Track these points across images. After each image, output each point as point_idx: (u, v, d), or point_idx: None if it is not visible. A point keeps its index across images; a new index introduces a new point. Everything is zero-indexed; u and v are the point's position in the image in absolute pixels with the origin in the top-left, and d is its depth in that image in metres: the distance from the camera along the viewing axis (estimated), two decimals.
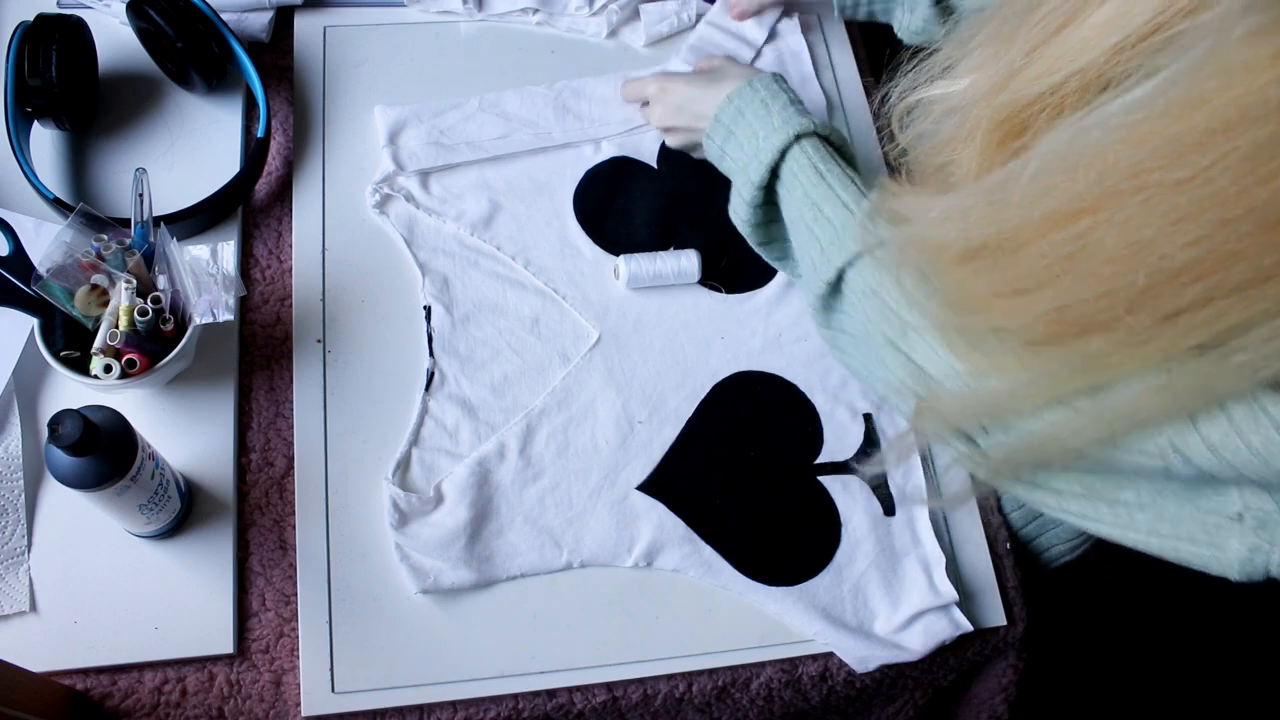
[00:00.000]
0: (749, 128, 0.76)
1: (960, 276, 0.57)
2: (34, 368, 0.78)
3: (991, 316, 0.55)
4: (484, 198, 0.90)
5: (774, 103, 0.76)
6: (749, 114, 0.77)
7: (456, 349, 0.84)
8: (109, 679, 0.71)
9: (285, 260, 0.86)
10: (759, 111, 0.76)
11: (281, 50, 0.96)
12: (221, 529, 0.76)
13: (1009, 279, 0.53)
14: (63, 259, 0.72)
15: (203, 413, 0.79)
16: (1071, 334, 0.51)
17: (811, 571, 0.79)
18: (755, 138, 0.75)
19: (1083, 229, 0.48)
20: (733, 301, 0.89)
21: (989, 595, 0.81)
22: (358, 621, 0.74)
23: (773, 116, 0.75)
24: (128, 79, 0.92)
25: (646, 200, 0.92)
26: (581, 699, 0.75)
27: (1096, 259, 0.48)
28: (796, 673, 0.77)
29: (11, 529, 0.73)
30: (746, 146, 0.76)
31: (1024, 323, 0.53)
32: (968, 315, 0.57)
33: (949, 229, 0.57)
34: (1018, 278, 0.53)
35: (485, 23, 1.00)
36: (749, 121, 0.76)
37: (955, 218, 0.57)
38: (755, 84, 0.77)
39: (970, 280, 0.56)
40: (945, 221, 0.57)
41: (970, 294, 0.56)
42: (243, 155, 0.90)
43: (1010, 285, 0.53)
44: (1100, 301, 0.49)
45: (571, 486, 0.80)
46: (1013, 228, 0.52)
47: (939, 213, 0.58)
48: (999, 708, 0.83)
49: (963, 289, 0.57)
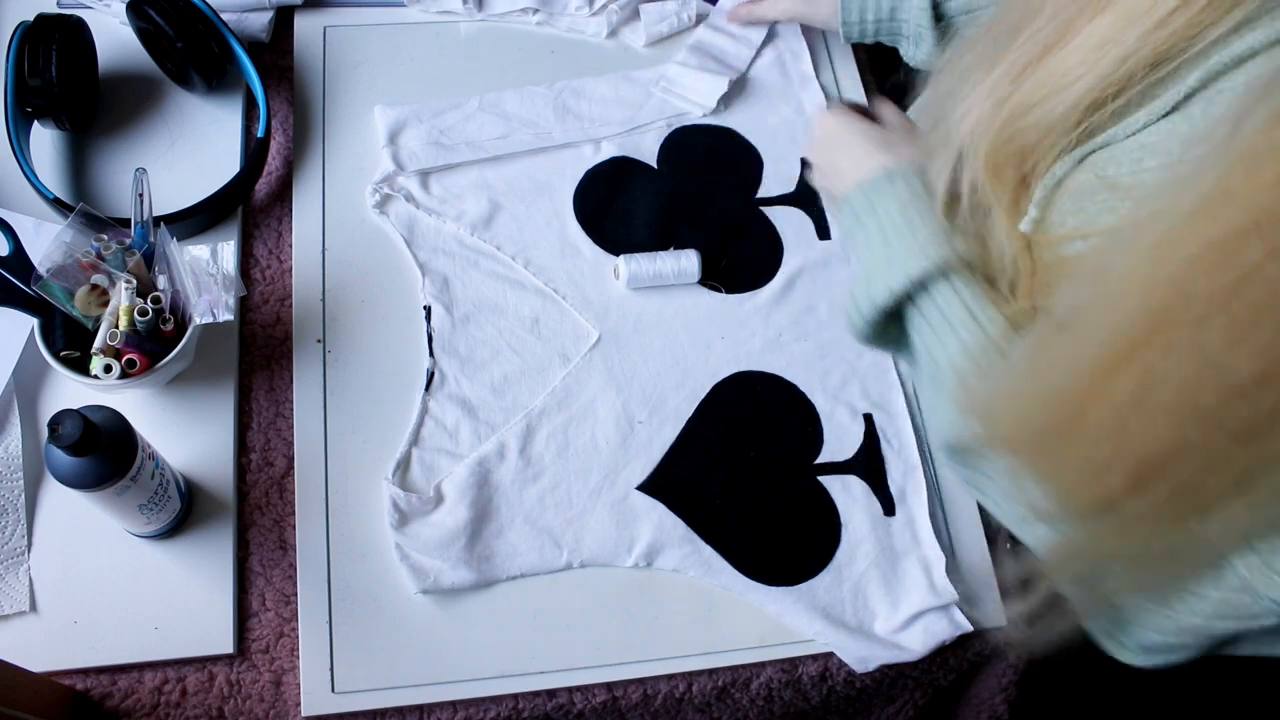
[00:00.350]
0: (880, 229, 0.67)
1: (1037, 471, 0.53)
2: (34, 368, 0.78)
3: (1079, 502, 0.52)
4: (484, 198, 0.90)
5: (913, 208, 0.66)
6: (881, 211, 0.67)
7: (456, 349, 0.84)
8: (109, 679, 0.71)
9: (285, 260, 0.86)
10: (893, 215, 0.66)
11: (281, 50, 0.96)
12: (221, 529, 0.76)
13: (1084, 459, 0.50)
14: (63, 259, 0.72)
15: (203, 413, 0.79)
16: (1155, 481, 0.47)
17: (811, 571, 0.79)
18: (888, 246, 0.66)
19: (1139, 371, 0.44)
20: (733, 301, 0.89)
21: (989, 595, 0.81)
22: (358, 621, 0.74)
23: (915, 231, 0.65)
24: (128, 79, 0.92)
25: (646, 200, 0.92)
26: (581, 699, 0.75)
27: (1163, 399, 0.44)
28: (796, 673, 0.77)
29: (11, 529, 0.73)
30: (876, 249, 0.67)
31: (1108, 494, 0.49)
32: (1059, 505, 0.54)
33: (1008, 422, 0.54)
34: (1091, 456, 0.49)
35: (485, 23, 1.00)
36: (881, 221, 0.67)
37: (1008, 406, 0.53)
38: (896, 180, 0.67)
39: (1048, 476, 0.53)
40: (1006, 416, 0.54)
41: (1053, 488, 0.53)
42: (243, 155, 0.90)
43: (1087, 466, 0.49)
44: (1178, 444, 0.45)
45: (571, 486, 0.80)
46: (1067, 397, 0.48)
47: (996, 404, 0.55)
48: (999, 708, 0.83)
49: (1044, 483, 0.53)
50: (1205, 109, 0.50)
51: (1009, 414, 0.54)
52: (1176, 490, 0.46)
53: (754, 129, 0.97)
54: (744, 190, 0.94)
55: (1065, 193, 0.57)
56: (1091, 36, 0.53)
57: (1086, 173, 0.56)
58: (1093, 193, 0.54)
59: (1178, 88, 0.51)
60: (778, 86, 1.00)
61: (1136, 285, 0.44)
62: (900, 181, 0.67)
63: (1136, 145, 0.53)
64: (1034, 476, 0.54)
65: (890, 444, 0.84)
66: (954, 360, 0.62)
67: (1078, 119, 0.55)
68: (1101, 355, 0.46)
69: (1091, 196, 0.54)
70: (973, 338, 0.61)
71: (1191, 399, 0.43)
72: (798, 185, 0.95)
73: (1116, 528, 0.51)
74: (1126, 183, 0.52)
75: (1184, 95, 0.51)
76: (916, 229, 0.65)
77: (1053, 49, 0.55)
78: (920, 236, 0.64)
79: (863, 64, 1.03)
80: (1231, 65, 0.49)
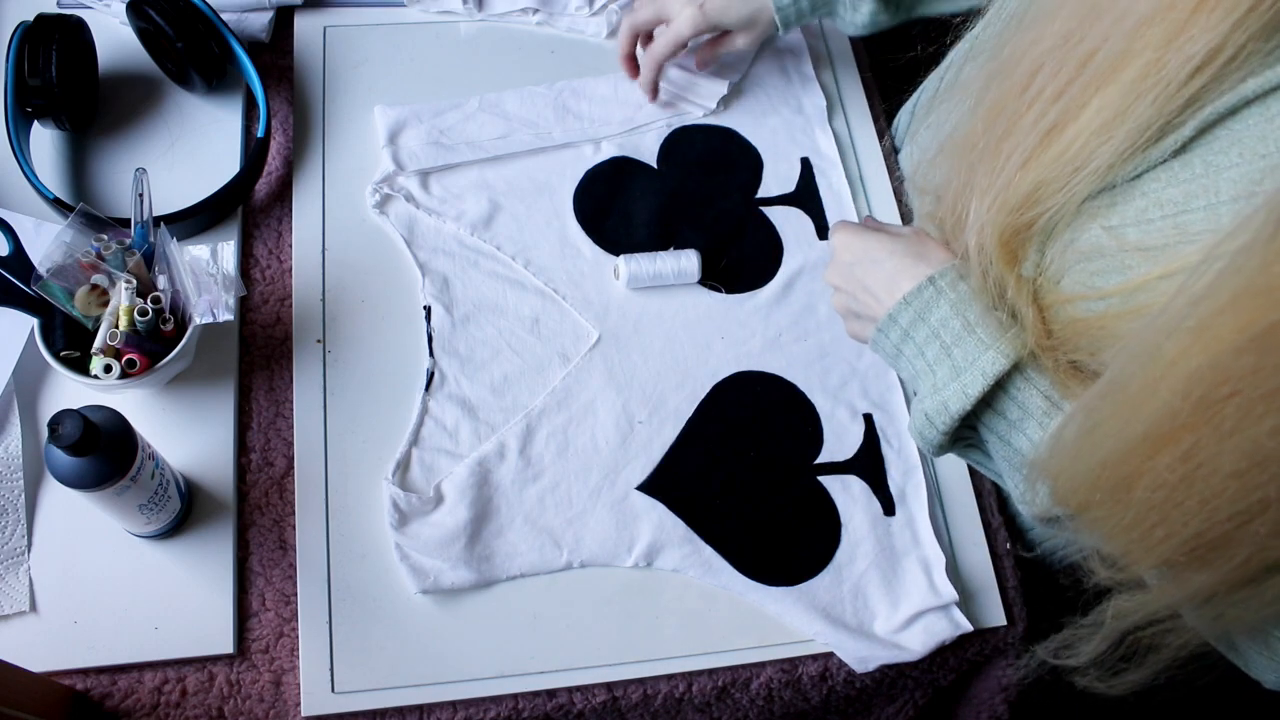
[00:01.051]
0: (936, 338, 0.64)
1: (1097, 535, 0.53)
2: (34, 368, 0.78)
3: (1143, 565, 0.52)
4: (484, 198, 0.90)
5: (967, 310, 0.63)
6: (934, 320, 0.64)
7: (456, 349, 0.84)
8: (109, 679, 0.71)
9: (285, 260, 0.86)
10: (948, 321, 0.63)
11: (281, 50, 0.96)
12: (221, 529, 0.76)
13: (1135, 529, 0.49)
14: (63, 259, 0.72)
15: (203, 413, 0.79)
16: (1216, 555, 0.47)
17: (811, 571, 0.79)
18: (949, 354, 0.63)
19: (1187, 447, 0.44)
20: (733, 301, 0.89)
21: (989, 595, 0.81)
22: (358, 621, 0.74)
23: (974, 332, 0.62)
24: (128, 79, 0.92)
25: (646, 200, 0.92)
26: (581, 699, 0.75)
27: (1212, 483, 0.44)
28: (796, 673, 0.77)
29: (11, 529, 0.73)
30: (936, 359, 0.64)
31: (1168, 561, 0.49)
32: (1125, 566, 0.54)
33: (1066, 486, 0.54)
34: (1141, 526, 0.49)
35: (485, 23, 1.00)
36: (936, 330, 0.64)
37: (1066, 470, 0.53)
38: (941, 286, 0.64)
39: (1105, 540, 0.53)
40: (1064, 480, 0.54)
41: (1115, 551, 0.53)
42: (243, 155, 0.90)
43: (1138, 535, 0.49)
44: (1231, 519, 0.45)
45: (571, 486, 0.80)
46: (1115, 469, 0.48)
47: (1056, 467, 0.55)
48: (999, 708, 0.83)
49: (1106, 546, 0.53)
50: (1205, 156, 0.50)
51: (1067, 478, 0.53)
52: (1244, 563, 0.46)
53: (754, 129, 0.97)
54: (744, 190, 0.94)
55: (1072, 249, 0.56)
56: (1101, 113, 0.51)
57: (1087, 220, 0.55)
58: (1101, 251, 0.54)
59: (1176, 135, 0.51)
60: (778, 87, 1.00)
61: (1178, 371, 0.43)
62: (945, 287, 0.64)
63: (1138, 194, 0.52)
64: (1096, 539, 0.53)
65: (890, 444, 0.84)
66: (1035, 444, 0.61)
67: (1089, 191, 0.55)
68: (1145, 430, 0.45)
69: (1102, 256, 0.54)
70: (1052, 421, 0.60)
71: (1247, 485, 0.43)
72: (797, 185, 0.95)
73: (1188, 591, 0.50)
74: (1134, 239, 0.52)
75: (1181, 145, 0.51)
76: (975, 330, 0.62)
77: (1060, 129, 0.53)
78: (984, 336, 0.62)
79: (862, 63, 1.03)
80: (1226, 113, 0.49)
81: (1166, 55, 0.48)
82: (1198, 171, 0.50)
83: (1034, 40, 0.56)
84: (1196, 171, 0.50)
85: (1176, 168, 0.51)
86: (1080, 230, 0.55)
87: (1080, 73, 0.52)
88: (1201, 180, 0.49)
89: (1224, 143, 0.49)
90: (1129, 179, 0.53)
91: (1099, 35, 0.51)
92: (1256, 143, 0.47)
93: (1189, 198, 0.50)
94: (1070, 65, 0.53)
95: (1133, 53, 0.49)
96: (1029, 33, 0.57)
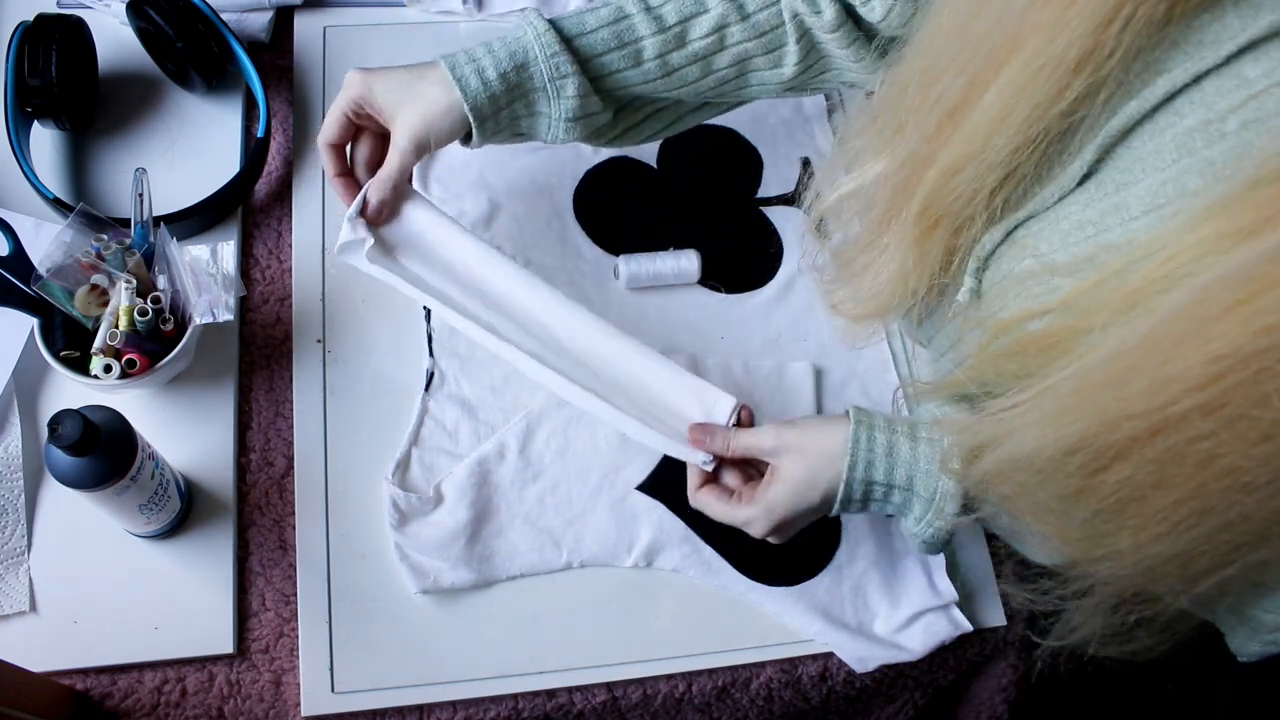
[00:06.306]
0: (887, 498, 0.66)
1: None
2: (34, 368, 0.78)
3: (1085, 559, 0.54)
4: (484, 198, 0.90)
5: (895, 452, 0.64)
6: (876, 492, 0.66)
7: (456, 349, 0.84)
8: (109, 679, 0.71)
9: (285, 260, 0.86)
10: (893, 477, 0.65)
11: (281, 50, 0.96)
12: (221, 529, 0.76)
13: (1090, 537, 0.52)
14: (63, 259, 0.72)
15: (203, 413, 0.79)
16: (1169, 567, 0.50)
17: (811, 571, 0.79)
18: (911, 495, 0.65)
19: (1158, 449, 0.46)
20: (733, 301, 0.89)
21: (989, 595, 0.81)
22: (358, 621, 0.74)
23: (920, 461, 0.64)
24: (128, 79, 0.92)
25: (646, 200, 0.92)
26: (581, 699, 0.75)
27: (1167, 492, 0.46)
28: (796, 673, 0.77)
29: (11, 529, 0.73)
30: (902, 507, 0.66)
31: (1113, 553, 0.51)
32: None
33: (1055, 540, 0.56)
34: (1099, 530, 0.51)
35: (485, 23, 1.00)
36: (884, 496, 0.66)
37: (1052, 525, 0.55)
38: (855, 471, 0.65)
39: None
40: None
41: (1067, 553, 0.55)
42: (243, 155, 0.90)
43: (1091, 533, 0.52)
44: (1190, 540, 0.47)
45: (571, 486, 0.80)
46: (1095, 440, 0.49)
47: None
48: (999, 708, 0.83)
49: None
50: (1112, 175, 0.52)
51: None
52: (1204, 571, 0.48)
53: (754, 129, 0.97)
54: (744, 190, 0.94)
55: (1008, 277, 0.58)
56: (1000, 95, 0.53)
57: (1019, 250, 0.57)
58: (1034, 275, 0.56)
59: (1080, 160, 0.53)
60: None
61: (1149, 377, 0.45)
62: (859, 467, 0.64)
63: (1061, 219, 0.55)
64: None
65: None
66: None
67: (996, 182, 0.56)
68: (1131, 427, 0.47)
69: (1035, 279, 0.56)
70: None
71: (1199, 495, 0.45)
72: (797, 185, 0.95)
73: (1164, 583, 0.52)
74: (1063, 262, 0.54)
75: (1087, 170, 0.53)
76: (920, 461, 0.64)
77: (962, 109, 0.55)
78: (929, 464, 0.63)
79: None
80: (1120, 135, 0.51)
81: (1056, 36, 0.49)
82: (1109, 191, 0.52)
83: (934, 32, 0.58)
84: (1108, 191, 0.52)
85: (1091, 189, 0.53)
86: (1015, 261, 0.58)
87: (975, 59, 0.54)
88: (1113, 199, 0.52)
89: (1126, 161, 0.51)
90: (1049, 206, 0.55)
91: (991, 18, 0.53)
92: (1153, 157, 0.50)
93: (1104, 215, 0.52)
94: (966, 51, 0.55)
95: (1023, 36, 0.51)
96: (932, 23, 0.59)
